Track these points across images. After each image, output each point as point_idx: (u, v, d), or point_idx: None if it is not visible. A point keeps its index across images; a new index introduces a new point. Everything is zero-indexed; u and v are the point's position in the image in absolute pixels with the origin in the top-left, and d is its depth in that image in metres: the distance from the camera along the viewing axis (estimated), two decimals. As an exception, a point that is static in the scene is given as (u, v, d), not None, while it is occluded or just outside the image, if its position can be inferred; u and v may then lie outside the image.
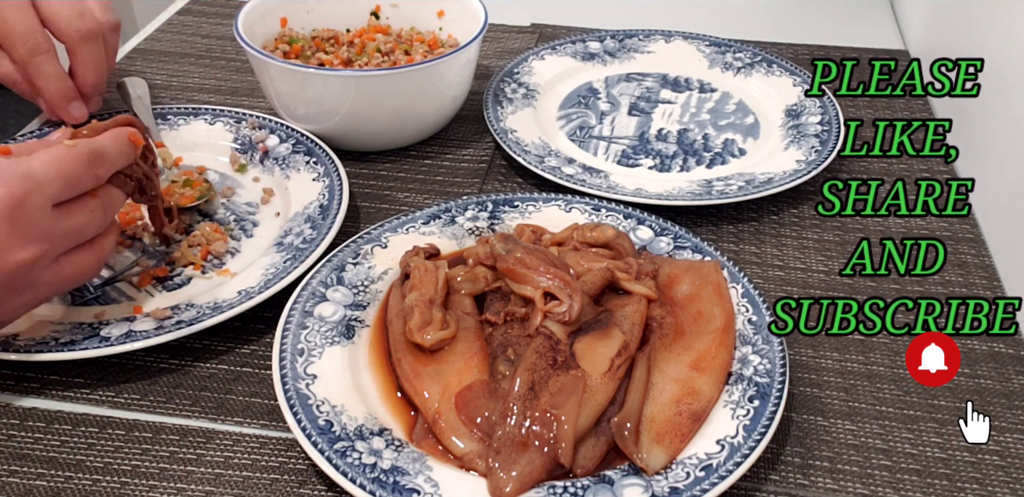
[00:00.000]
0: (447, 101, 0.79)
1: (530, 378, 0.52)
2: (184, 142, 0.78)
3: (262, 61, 0.73)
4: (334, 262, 0.63)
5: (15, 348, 0.56)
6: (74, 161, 0.52)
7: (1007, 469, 0.54)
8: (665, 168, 0.79)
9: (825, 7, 1.10)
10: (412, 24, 0.87)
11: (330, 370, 0.55)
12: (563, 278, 0.56)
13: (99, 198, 0.55)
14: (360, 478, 0.48)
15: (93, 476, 0.52)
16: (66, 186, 0.52)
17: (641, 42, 0.95)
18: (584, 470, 0.50)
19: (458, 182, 0.78)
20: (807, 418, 0.57)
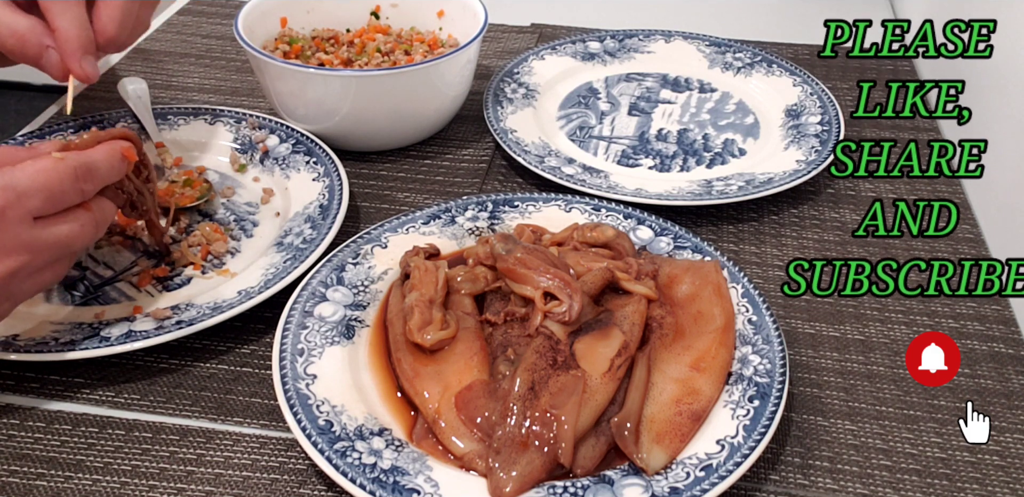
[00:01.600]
0: (447, 101, 0.79)
1: (530, 378, 0.52)
2: (184, 142, 0.78)
3: (262, 61, 0.73)
4: (334, 262, 0.63)
5: (15, 348, 0.56)
6: (60, 175, 0.51)
7: (1007, 469, 0.54)
8: (665, 168, 0.79)
9: (825, 7, 1.10)
10: (412, 24, 0.87)
11: (330, 370, 0.55)
12: (563, 278, 0.56)
13: (91, 211, 0.54)
14: (360, 478, 0.48)
15: (93, 476, 0.52)
16: (48, 199, 0.51)
17: (641, 42, 0.95)
18: (584, 470, 0.50)
19: (458, 182, 0.78)
20: (807, 418, 0.57)
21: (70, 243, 0.53)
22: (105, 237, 0.69)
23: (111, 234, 0.69)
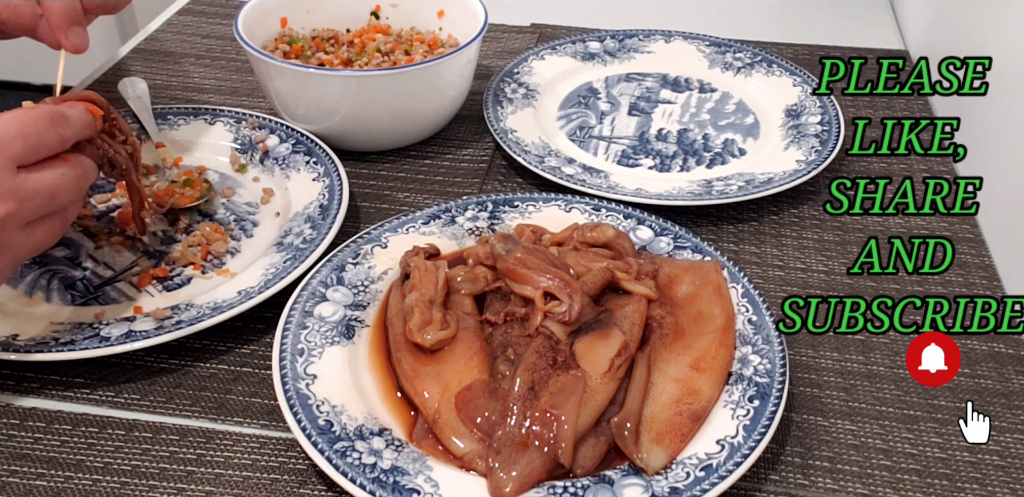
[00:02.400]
0: (447, 101, 0.79)
1: (530, 378, 0.52)
2: (184, 142, 0.78)
3: (262, 61, 0.73)
4: (334, 262, 0.63)
5: (15, 348, 0.56)
6: (34, 120, 0.52)
7: (1007, 469, 0.54)
8: (665, 168, 0.79)
9: (825, 7, 1.10)
10: (412, 24, 0.87)
11: (330, 370, 0.55)
12: (563, 278, 0.56)
13: (70, 162, 0.54)
14: (360, 478, 0.48)
15: (93, 476, 0.52)
16: (27, 144, 0.51)
17: (641, 42, 0.95)
18: (584, 470, 0.50)
19: (458, 182, 0.78)
20: (807, 418, 0.57)
21: (55, 192, 0.53)
22: (105, 237, 0.69)
23: (111, 234, 0.69)
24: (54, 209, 0.54)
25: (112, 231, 0.69)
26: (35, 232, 0.53)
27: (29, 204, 0.51)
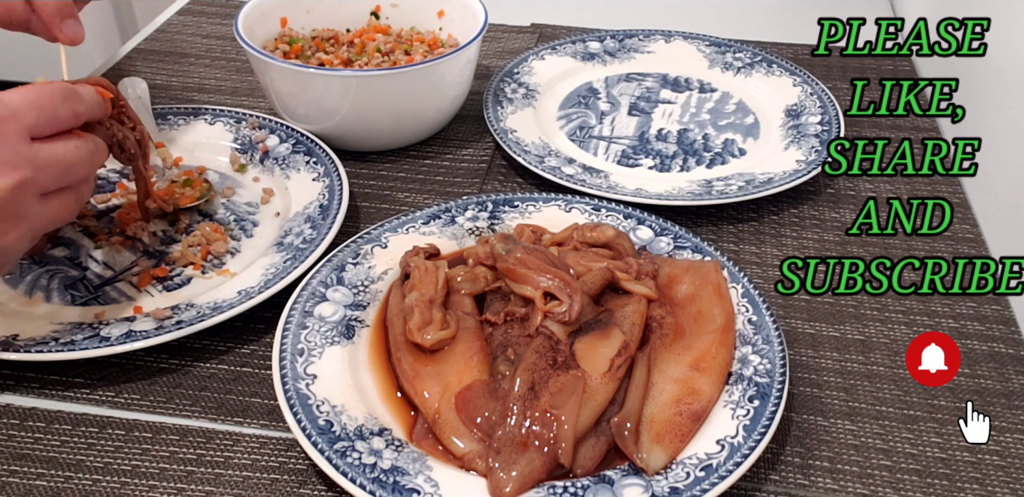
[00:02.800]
0: (447, 101, 0.79)
1: (530, 378, 0.52)
2: (184, 142, 0.78)
3: (262, 61, 0.73)
4: (334, 262, 0.63)
5: (15, 348, 0.56)
6: (48, 93, 0.53)
7: (1007, 469, 0.54)
8: (665, 168, 0.79)
9: (825, 7, 1.10)
10: (412, 24, 0.87)
11: (330, 370, 0.55)
12: (563, 278, 0.56)
13: (83, 138, 0.55)
14: (360, 478, 0.48)
15: (93, 476, 0.52)
16: (41, 116, 0.52)
17: (641, 42, 0.95)
18: (584, 470, 0.50)
19: (458, 182, 0.78)
20: (807, 418, 0.57)
21: (70, 164, 0.53)
22: (105, 237, 0.69)
23: (111, 234, 0.69)
24: (69, 182, 0.54)
25: (112, 231, 0.69)
26: (51, 203, 0.54)
27: (45, 174, 0.52)
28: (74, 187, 0.55)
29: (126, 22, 1.98)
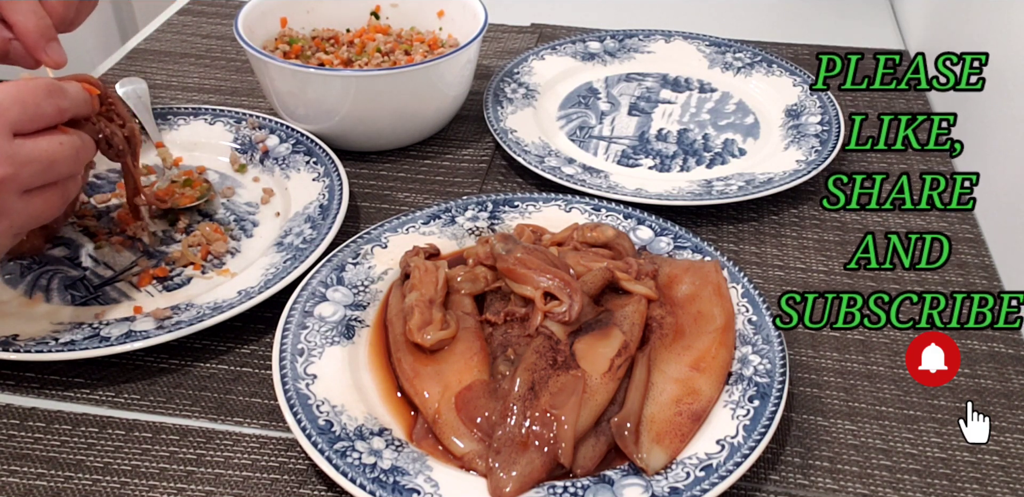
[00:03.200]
0: (447, 101, 0.79)
1: (530, 378, 0.52)
2: (184, 142, 0.78)
3: (262, 61, 0.73)
4: (334, 262, 0.63)
5: (15, 348, 0.56)
6: (32, 90, 0.52)
7: (1007, 469, 0.54)
8: (665, 168, 0.79)
9: (825, 7, 1.10)
10: (412, 24, 0.87)
11: (330, 370, 0.55)
12: (563, 278, 0.56)
13: (68, 134, 0.55)
14: (360, 478, 0.48)
15: (93, 476, 0.52)
16: (24, 112, 0.51)
17: (641, 42, 0.95)
18: (584, 470, 0.50)
19: (458, 182, 0.78)
20: (807, 418, 0.57)
21: (53, 160, 0.53)
22: (105, 237, 0.69)
23: (111, 234, 0.69)
24: (53, 179, 0.54)
25: (112, 231, 0.69)
26: (34, 200, 0.53)
27: (26, 170, 0.51)
28: (59, 184, 0.55)
29: (126, 22, 1.98)
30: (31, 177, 0.52)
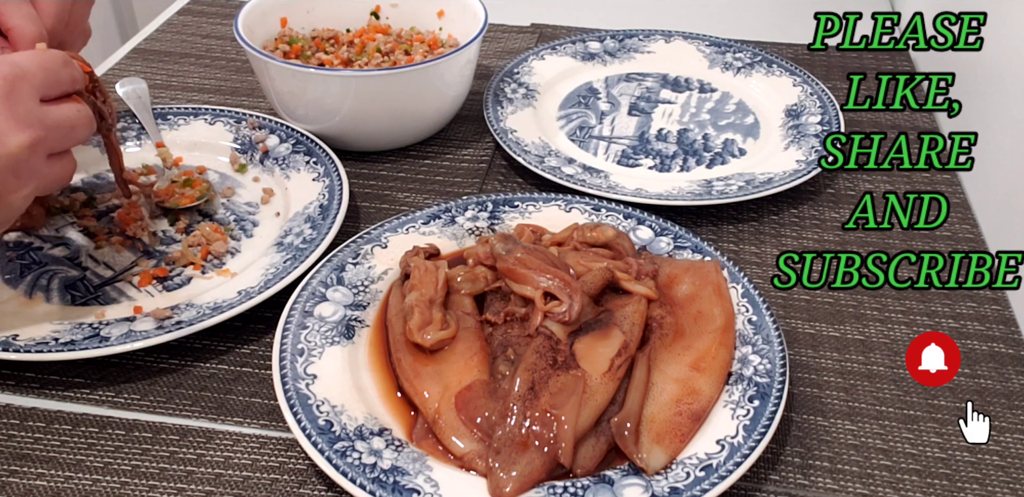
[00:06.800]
0: (447, 101, 0.79)
1: (530, 378, 0.52)
2: (184, 142, 0.78)
3: (262, 61, 0.73)
4: (334, 262, 0.63)
5: (15, 348, 0.56)
6: (51, 58, 0.54)
7: (1007, 469, 0.54)
8: (665, 168, 0.79)
9: (825, 7, 1.10)
10: (412, 24, 0.87)
11: (330, 370, 0.55)
12: (563, 278, 0.56)
13: (80, 103, 0.57)
14: (360, 478, 0.48)
15: (93, 476, 0.52)
16: (48, 77, 0.53)
17: (641, 42, 0.95)
18: (584, 470, 0.50)
19: (458, 182, 0.78)
20: (807, 418, 0.57)
21: (74, 126, 0.55)
22: (105, 237, 0.69)
23: (111, 234, 0.69)
24: (72, 144, 0.56)
25: (112, 231, 0.69)
26: (55, 164, 0.55)
27: (53, 134, 0.53)
28: (69, 152, 0.57)
29: (126, 22, 1.98)
30: (57, 141, 0.54)
